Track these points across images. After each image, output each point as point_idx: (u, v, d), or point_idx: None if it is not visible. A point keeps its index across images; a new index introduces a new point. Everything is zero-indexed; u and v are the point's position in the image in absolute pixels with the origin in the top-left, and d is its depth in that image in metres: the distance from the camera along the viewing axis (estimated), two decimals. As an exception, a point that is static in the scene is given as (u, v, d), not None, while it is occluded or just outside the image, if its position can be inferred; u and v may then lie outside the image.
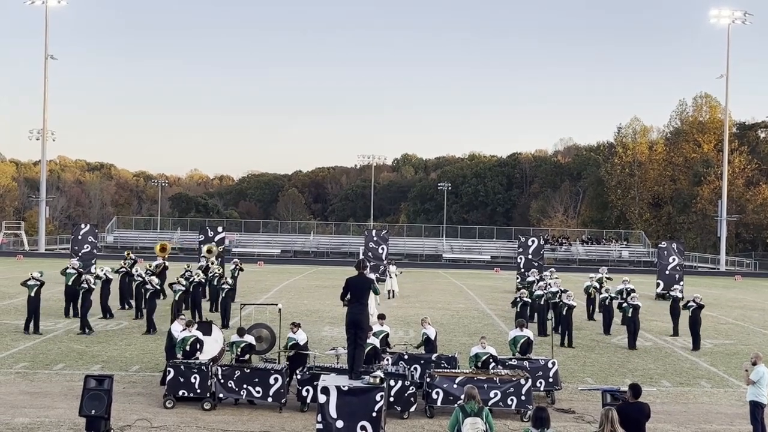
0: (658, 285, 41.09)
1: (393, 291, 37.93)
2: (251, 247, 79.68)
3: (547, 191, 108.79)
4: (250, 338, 16.73)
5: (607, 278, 32.71)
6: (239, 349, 16.37)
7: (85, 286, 24.72)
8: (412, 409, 15.02)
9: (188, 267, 29.24)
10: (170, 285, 26.02)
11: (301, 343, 16.91)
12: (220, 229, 42.95)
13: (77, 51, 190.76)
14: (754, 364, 13.77)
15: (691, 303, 24.69)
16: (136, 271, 27.37)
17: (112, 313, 27.33)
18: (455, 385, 14.95)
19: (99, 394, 13.00)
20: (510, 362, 16.77)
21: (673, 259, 41.18)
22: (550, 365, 16.78)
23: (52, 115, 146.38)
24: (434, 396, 15.11)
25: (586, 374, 19.75)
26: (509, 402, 15.10)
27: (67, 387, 16.72)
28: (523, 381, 15.25)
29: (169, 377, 15.45)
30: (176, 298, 24.88)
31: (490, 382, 15.14)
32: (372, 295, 30.64)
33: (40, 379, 17.67)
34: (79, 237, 41.73)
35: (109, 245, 79.44)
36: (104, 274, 27.33)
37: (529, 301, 25.34)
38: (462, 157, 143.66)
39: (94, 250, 41.87)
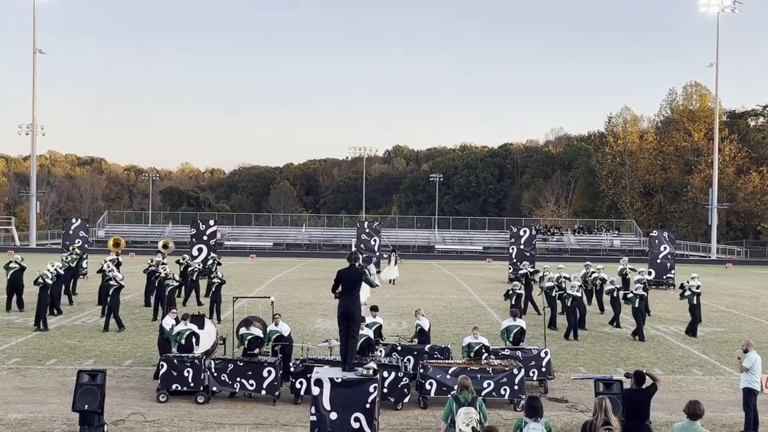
0: (649, 273, 41.13)
1: (393, 279, 38.68)
2: (243, 240, 79.58)
3: (538, 181, 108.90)
4: (257, 330, 16.61)
5: (631, 269, 32.03)
6: (247, 341, 16.24)
7: (41, 281, 24.42)
8: (406, 400, 15.05)
9: (152, 261, 29.13)
10: (164, 279, 25.91)
11: (285, 334, 16.93)
12: (211, 222, 42.91)
13: (66, 45, 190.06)
14: (746, 351, 13.74)
15: (688, 291, 24.82)
16: (108, 266, 27.03)
17: (60, 309, 26.97)
18: (448, 376, 14.99)
19: (92, 389, 12.98)
20: (503, 352, 16.82)
21: (665, 248, 41.35)
22: (542, 355, 16.83)
23: (42, 109, 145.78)
24: (428, 387, 15.14)
25: (579, 363, 19.81)
26: (502, 392, 15.14)
27: (60, 382, 16.70)
28: (515, 371, 15.29)
29: (162, 371, 15.43)
30: (166, 294, 24.88)
31: (483, 373, 15.18)
32: (364, 285, 30.80)
33: (32, 374, 17.63)
34: (70, 232, 41.59)
35: (100, 240, 79.12)
36: (55, 270, 26.86)
37: (522, 293, 25.09)
38: (453, 148, 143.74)
39: (85, 245, 41.71)
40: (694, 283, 25.32)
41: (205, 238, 41.21)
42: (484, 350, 16.22)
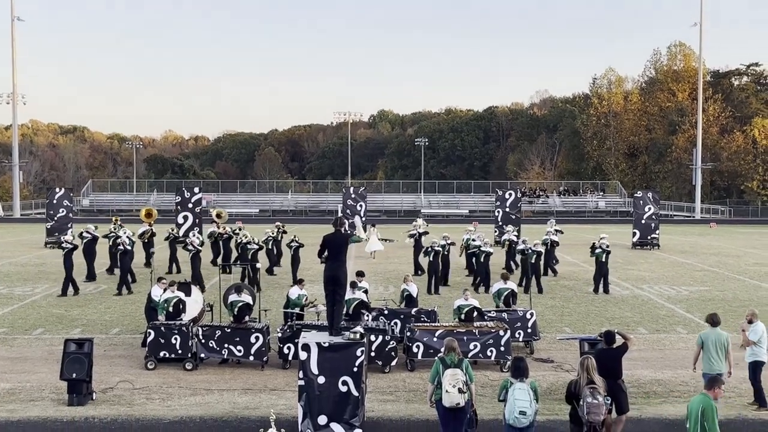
0: (634, 234, 41.51)
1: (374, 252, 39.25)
2: (229, 207, 79.26)
3: (523, 144, 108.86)
4: (247, 297, 16.58)
5: (557, 230, 31.99)
6: (237, 309, 16.09)
7: (122, 248, 25.12)
8: (393, 363, 15.17)
9: (224, 230, 29.45)
10: (246, 244, 26.87)
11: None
12: (196, 190, 42.63)
13: (45, 12, 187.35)
14: (750, 322, 13.07)
15: (599, 249, 25.20)
16: (193, 233, 27.30)
17: (135, 277, 26.82)
18: (435, 339, 15.08)
19: (79, 358, 13.03)
20: (489, 314, 16.94)
21: (649, 209, 41.52)
22: (528, 316, 16.96)
23: (22, 78, 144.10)
24: (415, 350, 15.24)
25: (564, 324, 19.98)
26: (489, 353, 15.26)
27: (47, 351, 16.70)
28: (502, 332, 15.40)
29: (149, 339, 15.45)
30: (249, 257, 26.09)
31: (469, 335, 15.28)
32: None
33: (20, 344, 17.62)
34: (54, 201, 41.32)
35: (84, 209, 78.85)
36: (128, 237, 26.78)
37: (440, 250, 25.84)
38: (438, 112, 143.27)
39: (70, 214, 41.52)
40: (605, 242, 25.56)
41: (190, 205, 40.95)
42: (475, 312, 16.32)
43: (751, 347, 13.00)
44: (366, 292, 17.86)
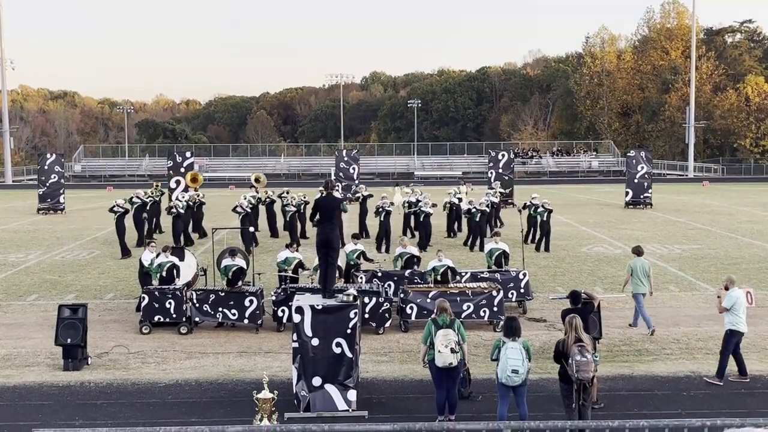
0: (627, 194, 41.58)
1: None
2: (222, 171, 79.15)
3: (516, 104, 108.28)
4: (241, 261, 16.59)
5: (501, 192, 32.84)
6: (230, 273, 16.08)
7: (174, 211, 25.50)
8: (387, 324, 15.27)
9: (266, 193, 30.22)
10: (285, 206, 27.70)
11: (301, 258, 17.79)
12: (188, 154, 42.48)
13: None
14: (726, 288, 12.44)
15: (541, 208, 25.69)
16: (244, 199, 27.39)
17: (192, 239, 27.16)
18: (428, 300, 15.15)
19: (74, 323, 13.08)
20: (482, 275, 17.02)
21: (642, 168, 41.55)
22: (521, 276, 17.06)
23: (10, 43, 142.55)
24: (408, 311, 15.34)
25: (557, 284, 20.09)
26: (482, 314, 15.37)
27: (42, 317, 16.75)
28: (494, 293, 15.49)
29: (144, 303, 15.50)
30: (287, 219, 27.33)
31: (462, 296, 15.37)
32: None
33: (14, 310, 17.67)
34: (46, 167, 41.12)
35: (76, 174, 78.60)
36: (185, 201, 27.18)
37: (391, 210, 26.54)
38: (431, 73, 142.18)
39: (62, 180, 41.35)
40: (537, 201, 26.09)
41: (182, 170, 40.83)
42: (450, 272, 16.40)
43: (728, 314, 12.24)
44: (363, 254, 18.04)
